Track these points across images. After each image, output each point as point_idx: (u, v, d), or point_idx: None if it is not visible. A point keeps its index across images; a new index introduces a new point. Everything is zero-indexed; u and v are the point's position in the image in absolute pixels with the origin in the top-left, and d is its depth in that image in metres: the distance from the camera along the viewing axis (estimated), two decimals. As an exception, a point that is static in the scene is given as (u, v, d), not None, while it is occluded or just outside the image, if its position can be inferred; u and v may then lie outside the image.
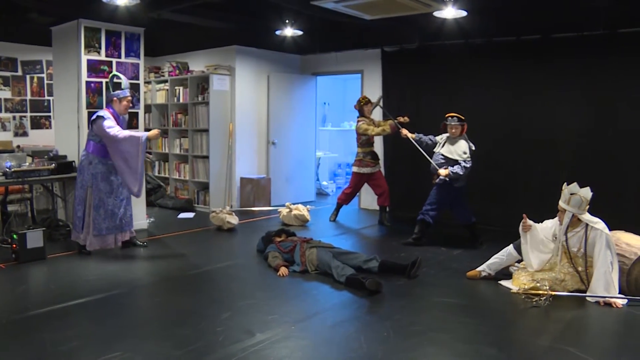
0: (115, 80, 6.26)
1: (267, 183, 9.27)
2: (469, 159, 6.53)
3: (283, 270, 5.47)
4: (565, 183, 5.11)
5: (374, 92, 9.06)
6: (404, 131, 7.12)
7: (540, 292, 4.77)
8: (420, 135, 7.00)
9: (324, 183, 11.34)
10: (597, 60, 6.96)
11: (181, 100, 9.38)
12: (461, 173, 6.47)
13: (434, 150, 6.80)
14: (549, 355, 3.68)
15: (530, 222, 5.18)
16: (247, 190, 9.12)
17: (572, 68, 7.16)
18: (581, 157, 7.10)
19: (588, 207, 4.94)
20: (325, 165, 11.61)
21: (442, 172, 6.51)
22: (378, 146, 8.63)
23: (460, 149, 6.55)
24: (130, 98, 6.16)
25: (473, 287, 5.22)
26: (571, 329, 4.25)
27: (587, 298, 4.81)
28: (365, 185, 8.25)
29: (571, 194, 4.94)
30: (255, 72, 9.39)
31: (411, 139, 6.99)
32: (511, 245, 5.41)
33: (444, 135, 6.76)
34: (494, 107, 7.82)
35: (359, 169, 8.03)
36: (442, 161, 6.59)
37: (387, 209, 8.29)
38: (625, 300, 4.74)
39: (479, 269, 5.48)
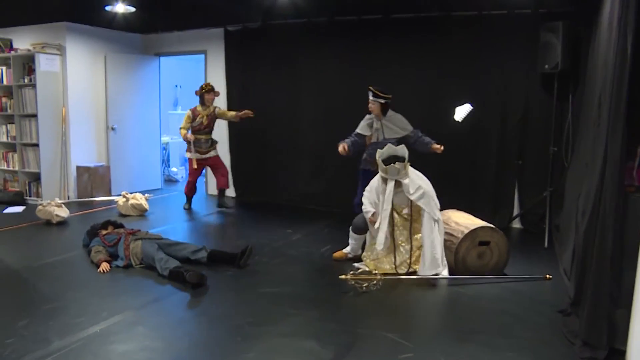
0: None
1: (106, 171, 8.65)
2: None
3: (104, 266, 5.05)
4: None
5: (218, 73, 8.75)
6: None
7: (370, 277, 4.73)
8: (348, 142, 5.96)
9: (174, 169, 10.82)
10: (433, 40, 7.12)
11: (5, 82, 8.44)
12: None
13: (372, 141, 5.99)
14: (366, 343, 3.61)
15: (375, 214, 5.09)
16: (84, 179, 8.46)
17: (410, 46, 7.28)
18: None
19: (408, 164, 4.96)
20: (175, 151, 11.06)
21: (438, 146, 5.77)
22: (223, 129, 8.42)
23: (404, 124, 5.95)
24: None
25: (306, 275, 5.08)
26: (395, 313, 4.24)
27: (416, 276, 4.89)
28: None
29: (385, 165, 4.90)
30: (90, 51, 8.67)
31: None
32: (350, 228, 5.39)
33: (366, 122, 6.01)
34: (336, 86, 7.77)
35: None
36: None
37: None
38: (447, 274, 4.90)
39: (344, 250, 5.50)
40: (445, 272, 4.92)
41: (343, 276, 4.69)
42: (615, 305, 3.31)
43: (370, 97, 5.87)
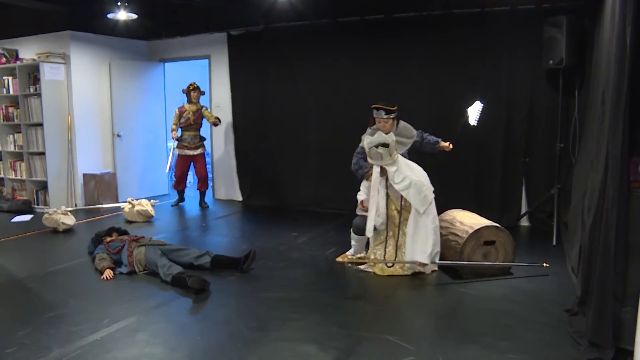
0: None
1: (112, 178, 8.66)
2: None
3: (107, 273, 5.03)
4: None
5: (222, 77, 8.75)
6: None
7: (366, 260, 4.66)
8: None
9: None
10: (436, 38, 7.06)
11: (11, 92, 8.49)
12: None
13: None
14: (367, 347, 3.54)
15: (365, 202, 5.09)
16: (90, 186, 8.47)
17: (413, 46, 7.21)
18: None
19: (395, 152, 4.81)
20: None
21: (447, 144, 5.38)
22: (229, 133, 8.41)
23: (410, 131, 5.33)
24: None
25: (309, 279, 5.01)
26: (396, 316, 4.19)
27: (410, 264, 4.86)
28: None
29: (369, 148, 4.80)
30: (95, 59, 8.69)
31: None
32: (351, 230, 5.32)
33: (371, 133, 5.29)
34: (340, 87, 7.72)
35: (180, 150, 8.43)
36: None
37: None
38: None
39: (347, 253, 5.44)
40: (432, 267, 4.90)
41: (339, 259, 4.59)
42: (621, 303, 3.23)
43: (382, 116, 5.08)
